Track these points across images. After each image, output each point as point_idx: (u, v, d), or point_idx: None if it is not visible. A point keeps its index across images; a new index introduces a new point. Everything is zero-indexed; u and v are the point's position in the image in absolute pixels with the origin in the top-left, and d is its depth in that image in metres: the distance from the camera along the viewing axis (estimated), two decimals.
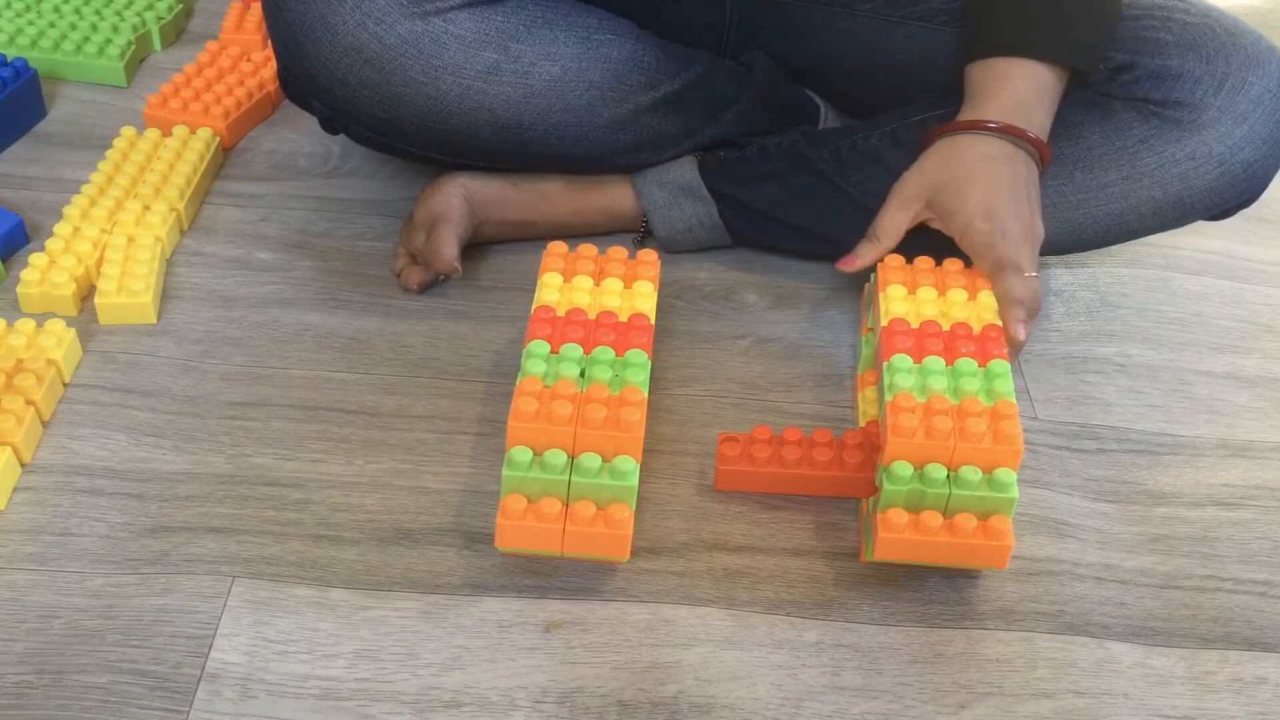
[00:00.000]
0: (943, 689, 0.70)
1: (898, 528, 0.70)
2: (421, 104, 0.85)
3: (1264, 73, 0.85)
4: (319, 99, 0.87)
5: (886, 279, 0.82)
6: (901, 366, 0.75)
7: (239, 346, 0.89)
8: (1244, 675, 0.73)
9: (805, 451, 0.79)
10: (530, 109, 0.88)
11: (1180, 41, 0.86)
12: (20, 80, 1.07)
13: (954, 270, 0.82)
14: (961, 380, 0.74)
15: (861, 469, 0.78)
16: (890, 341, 0.77)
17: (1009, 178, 0.82)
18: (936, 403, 0.72)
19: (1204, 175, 0.87)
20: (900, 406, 0.72)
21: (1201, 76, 0.85)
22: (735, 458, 0.79)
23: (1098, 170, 0.88)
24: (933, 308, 0.79)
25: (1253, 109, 0.85)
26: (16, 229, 0.95)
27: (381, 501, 0.78)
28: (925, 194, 0.84)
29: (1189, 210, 0.90)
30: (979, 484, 0.70)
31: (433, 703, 0.67)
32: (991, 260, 0.80)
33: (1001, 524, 0.70)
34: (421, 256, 0.93)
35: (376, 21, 0.82)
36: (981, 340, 0.77)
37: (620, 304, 0.79)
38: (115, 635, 0.69)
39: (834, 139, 0.94)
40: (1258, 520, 0.83)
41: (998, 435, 0.70)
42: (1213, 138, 0.86)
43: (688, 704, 0.68)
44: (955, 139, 0.85)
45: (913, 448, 0.70)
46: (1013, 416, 0.71)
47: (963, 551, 0.71)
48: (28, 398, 0.80)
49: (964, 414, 0.71)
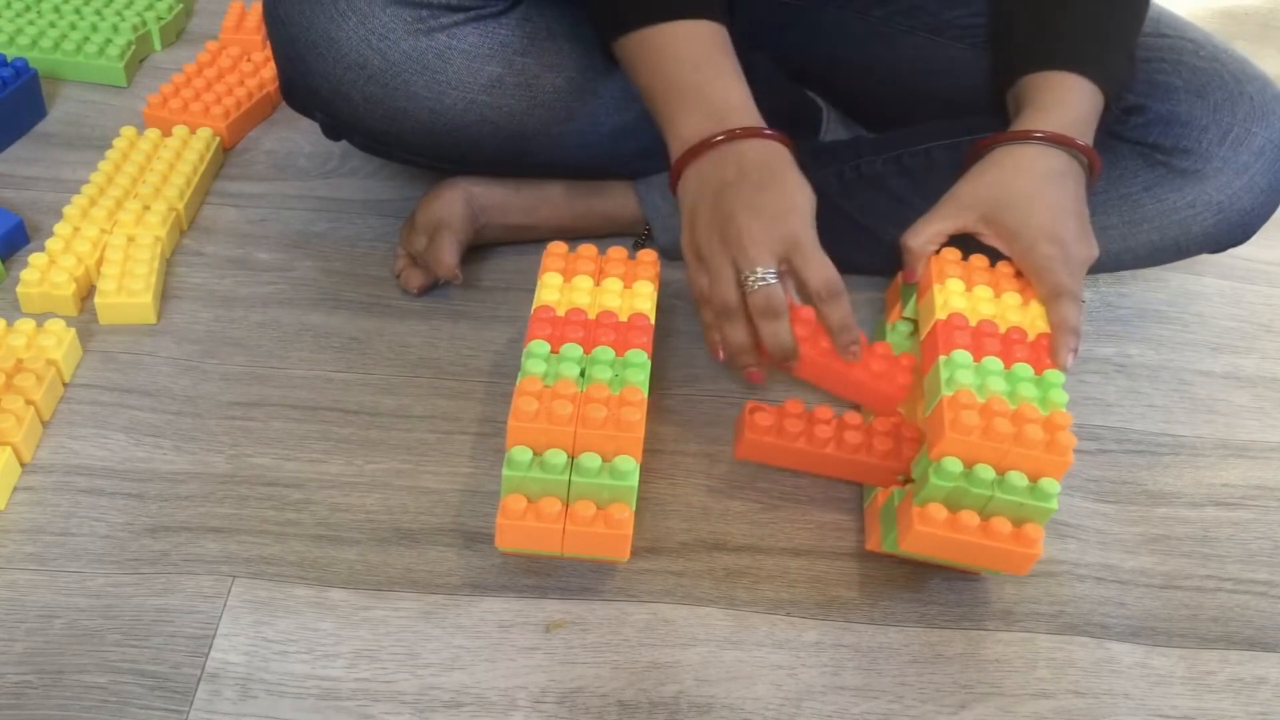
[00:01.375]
0: (943, 689, 0.70)
1: (935, 522, 0.69)
2: (425, 118, 0.85)
3: (1267, 124, 0.86)
4: (322, 111, 0.87)
5: (944, 271, 0.80)
6: (962, 363, 0.74)
7: (239, 346, 0.89)
8: (1244, 675, 0.73)
9: (836, 432, 0.78)
10: (534, 120, 0.88)
11: (1190, 87, 0.86)
12: (20, 80, 1.07)
13: (1007, 274, 0.80)
14: (1019, 385, 0.73)
15: (887, 458, 0.77)
16: (950, 336, 0.75)
17: (1073, 198, 0.80)
18: (995, 404, 0.71)
19: (1202, 222, 0.88)
20: (961, 403, 0.71)
21: (1208, 125, 0.86)
22: (767, 428, 0.78)
23: (1100, 214, 0.88)
24: (990, 307, 0.78)
25: (1255, 160, 0.86)
26: (16, 229, 0.95)
27: (381, 501, 0.78)
28: (982, 208, 0.80)
29: (1183, 251, 0.91)
30: (1024, 490, 0.69)
31: (433, 703, 0.67)
32: (1051, 285, 0.77)
33: (1035, 532, 0.69)
34: (422, 261, 0.93)
35: (380, 38, 0.81)
36: (1034, 348, 0.76)
37: (620, 304, 0.79)
38: (115, 635, 0.69)
39: (839, 157, 0.94)
40: (1258, 520, 0.83)
41: (1052, 445, 0.69)
42: (1214, 187, 0.87)
43: (688, 704, 0.68)
44: (1014, 150, 0.81)
45: (968, 446, 0.70)
46: (1067, 428, 0.70)
47: (991, 554, 0.70)
48: (27, 398, 0.80)
49: (1022, 419, 0.70)
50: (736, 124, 0.78)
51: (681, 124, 0.78)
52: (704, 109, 0.78)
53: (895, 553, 0.73)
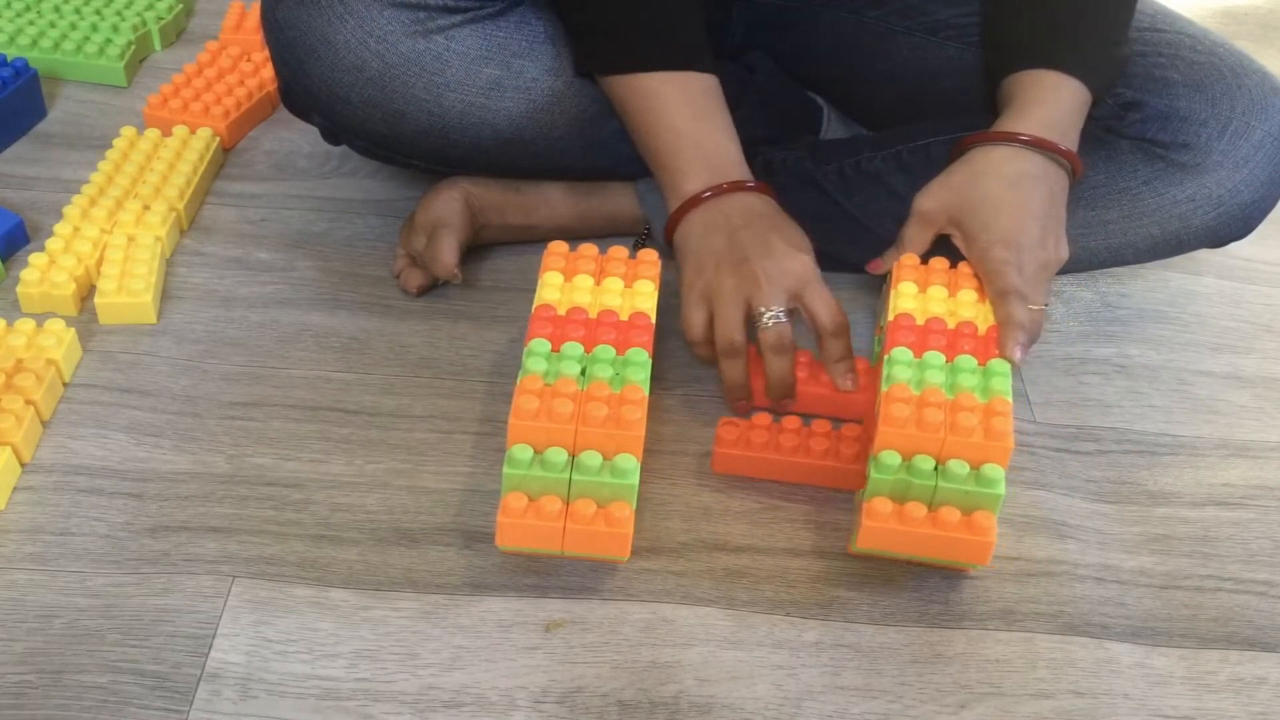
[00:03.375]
0: (943, 689, 0.70)
1: (881, 516, 0.70)
2: (424, 121, 0.85)
3: (1266, 117, 0.86)
4: (320, 114, 0.87)
5: (900, 276, 0.82)
6: (900, 359, 0.75)
7: (239, 346, 0.89)
8: (1244, 675, 0.73)
9: (802, 440, 0.80)
10: (533, 124, 0.88)
11: (1187, 82, 0.86)
12: (20, 80, 1.07)
13: (967, 272, 0.82)
14: (959, 376, 0.74)
15: (856, 460, 0.79)
16: (894, 336, 0.77)
17: (1041, 201, 0.80)
18: (930, 395, 0.72)
19: (1202, 216, 0.88)
20: (894, 397, 0.72)
21: (1207, 119, 0.86)
22: (733, 441, 0.80)
23: (1099, 208, 0.89)
24: (941, 306, 0.80)
25: (1254, 153, 0.86)
26: (16, 229, 0.95)
27: (381, 501, 0.78)
28: (949, 211, 0.82)
29: (1184, 245, 0.91)
30: (965, 478, 0.70)
31: (433, 703, 0.67)
32: (998, 287, 0.78)
33: (986, 520, 0.70)
34: (421, 261, 0.93)
35: (378, 40, 0.81)
36: (985, 340, 0.77)
37: (621, 303, 0.79)
38: (115, 635, 0.69)
39: (838, 155, 0.94)
40: (1258, 520, 0.83)
41: (989, 431, 0.71)
42: (1213, 181, 0.87)
43: (688, 704, 0.68)
44: (989, 151, 0.82)
45: (903, 438, 0.71)
46: (1005, 414, 0.71)
47: (945, 545, 0.71)
48: (27, 397, 0.80)
49: (956, 408, 0.72)
50: (733, 177, 0.82)
51: (681, 176, 0.83)
52: (703, 162, 0.82)
53: (866, 553, 0.74)
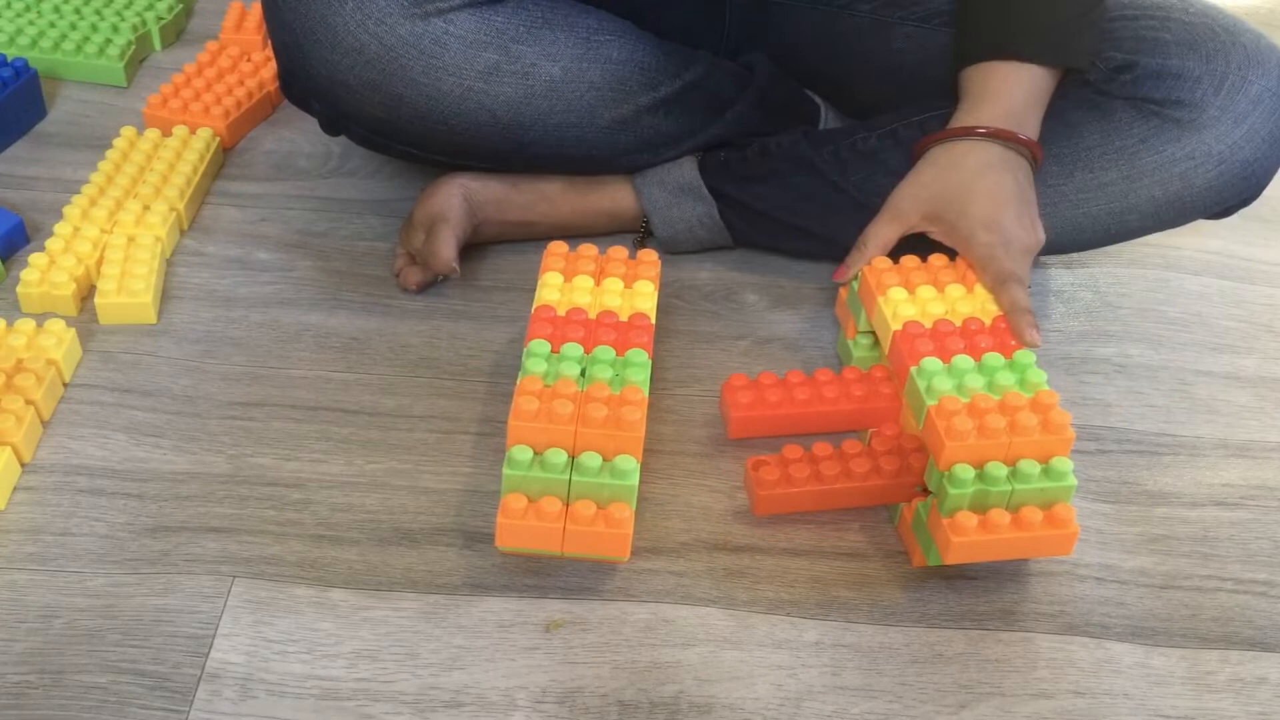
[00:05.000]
0: (943, 689, 0.70)
1: (968, 530, 0.69)
2: (422, 105, 0.85)
3: (1263, 71, 0.86)
4: (319, 100, 0.87)
5: (882, 282, 0.81)
6: (933, 369, 0.74)
7: (239, 346, 0.89)
8: (1244, 675, 0.73)
9: (843, 465, 0.77)
10: (531, 110, 0.88)
11: (1180, 41, 0.86)
12: (20, 80, 1.07)
13: (942, 265, 0.83)
14: (995, 376, 0.74)
15: (899, 475, 0.77)
16: (912, 345, 0.76)
17: (1010, 186, 0.82)
18: (980, 401, 0.72)
19: (1204, 174, 0.87)
20: (948, 410, 0.71)
21: (1202, 76, 0.86)
22: (774, 481, 0.77)
23: (1098, 169, 0.89)
24: (938, 305, 0.79)
25: (1252, 108, 0.86)
26: (16, 229, 0.95)
27: (381, 501, 0.78)
28: (922, 207, 0.84)
29: (1188, 209, 0.90)
30: (1039, 475, 0.70)
31: (433, 703, 0.67)
32: (994, 273, 0.80)
33: (1065, 512, 0.70)
34: (420, 257, 0.93)
35: (377, 22, 0.82)
36: (996, 333, 0.77)
37: (621, 303, 0.79)
38: (115, 635, 0.69)
39: (834, 139, 0.94)
40: (1258, 520, 0.83)
41: (1047, 425, 0.70)
42: (1212, 137, 0.86)
43: (688, 704, 0.68)
44: (950, 147, 0.85)
45: (969, 449, 0.70)
46: (1056, 405, 0.71)
47: (1031, 544, 0.70)
48: (27, 398, 0.79)
49: (1010, 409, 0.71)
50: None
51: None
52: None
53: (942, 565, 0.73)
